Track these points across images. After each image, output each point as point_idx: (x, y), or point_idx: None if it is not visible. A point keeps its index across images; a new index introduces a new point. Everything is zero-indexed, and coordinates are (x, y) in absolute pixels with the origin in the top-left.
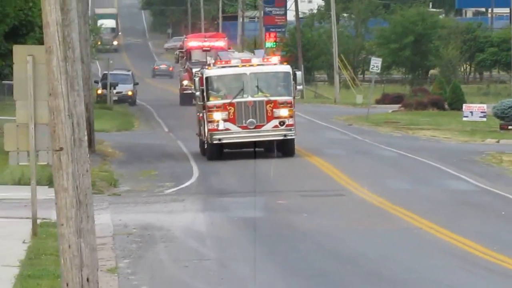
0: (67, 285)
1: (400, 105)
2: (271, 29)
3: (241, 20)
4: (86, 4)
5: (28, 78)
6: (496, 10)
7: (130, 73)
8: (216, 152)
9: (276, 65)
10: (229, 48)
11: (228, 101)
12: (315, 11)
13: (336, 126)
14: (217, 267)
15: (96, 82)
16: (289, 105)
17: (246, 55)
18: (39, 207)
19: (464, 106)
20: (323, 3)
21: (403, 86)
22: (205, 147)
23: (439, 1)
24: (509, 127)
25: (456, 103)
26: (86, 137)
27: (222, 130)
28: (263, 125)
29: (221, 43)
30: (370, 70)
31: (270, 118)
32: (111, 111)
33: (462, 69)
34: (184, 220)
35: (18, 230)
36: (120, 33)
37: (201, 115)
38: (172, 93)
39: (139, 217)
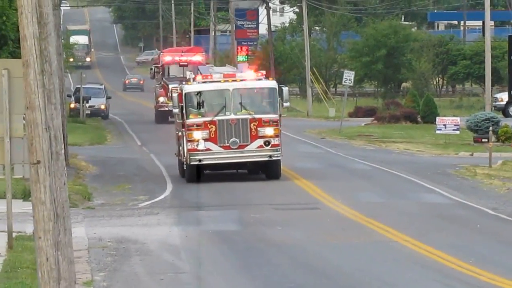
0: None
1: (373, 118)
2: (243, 43)
3: (213, 33)
4: (59, 17)
5: (3, 91)
6: (468, 23)
7: (102, 87)
8: (195, 174)
9: (261, 81)
10: (207, 63)
11: (209, 119)
12: (287, 24)
13: (309, 140)
14: (192, 280)
15: (69, 96)
16: (274, 123)
17: (228, 69)
18: (14, 221)
19: (437, 119)
20: (295, 17)
21: (375, 99)
22: (184, 168)
23: (411, 14)
24: (483, 140)
25: (429, 116)
26: (63, 151)
27: (202, 150)
28: (247, 145)
29: (198, 57)
30: (343, 83)
31: (255, 137)
32: (84, 125)
33: (435, 82)
34: (158, 233)
35: None
36: (92, 50)
37: (180, 133)
38: (144, 106)
39: (114, 231)
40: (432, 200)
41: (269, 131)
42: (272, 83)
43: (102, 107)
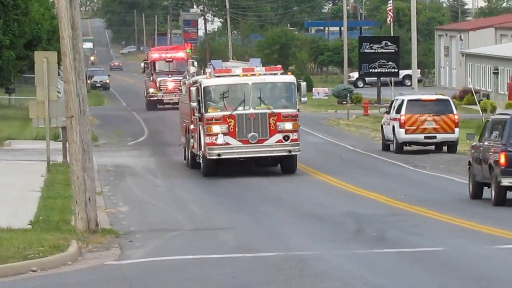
0: (76, 202)
1: None
2: (188, 41)
3: (169, 36)
4: None
5: (44, 72)
6: (331, 28)
7: (103, 69)
8: (213, 167)
9: (279, 75)
10: (188, 59)
11: (228, 113)
12: (216, 29)
13: None
14: (165, 191)
15: None
16: (293, 118)
17: (241, 64)
18: (51, 153)
19: (314, 89)
20: (221, 24)
21: None
22: (200, 161)
23: (294, 23)
24: (343, 102)
25: (308, 88)
26: (88, 109)
27: (221, 144)
28: (266, 140)
29: (181, 54)
30: None
31: (274, 132)
32: (89, 93)
33: (310, 66)
34: (142, 161)
35: (37, 169)
36: (95, 52)
37: (192, 126)
38: (124, 80)
39: (113, 160)
40: (313, 140)
41: (288, 125)
42: (290, 78)
43: (107, 81)
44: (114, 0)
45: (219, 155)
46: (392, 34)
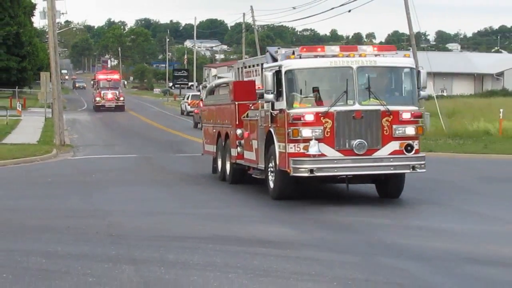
0: (56, 133)
1: None
2: (104, 70)
3: (96, 67)
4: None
5: (44, 80)
6: (161, 64)
7: (82, 80)
8: (290, 188)
9: (394, 58)
10: (120, 79)
11: (323, 109)
12: (115, 64)
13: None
14: (94, 128)
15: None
16: (416, 120)
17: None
18: (47, 113)
19: (155, 89)
20: (117, 62)
21: None
22: (270, 178)
23: (147, 62)
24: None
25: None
26: (62, 95)
27: (314, 155)
28: (377, 150)
29: (116, 76)
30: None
31: (388, 138)
32: (63, 89)
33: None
34: (83, 117)
35: (40, 119)
36: (68, 73)
37: (239, 132)
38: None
39: (72, 116)
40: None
41: (409, 130)
42: (409, 61)
43: (85, 85)
44: (75, 51)
45: (311, 171)
46: (186, 68)
